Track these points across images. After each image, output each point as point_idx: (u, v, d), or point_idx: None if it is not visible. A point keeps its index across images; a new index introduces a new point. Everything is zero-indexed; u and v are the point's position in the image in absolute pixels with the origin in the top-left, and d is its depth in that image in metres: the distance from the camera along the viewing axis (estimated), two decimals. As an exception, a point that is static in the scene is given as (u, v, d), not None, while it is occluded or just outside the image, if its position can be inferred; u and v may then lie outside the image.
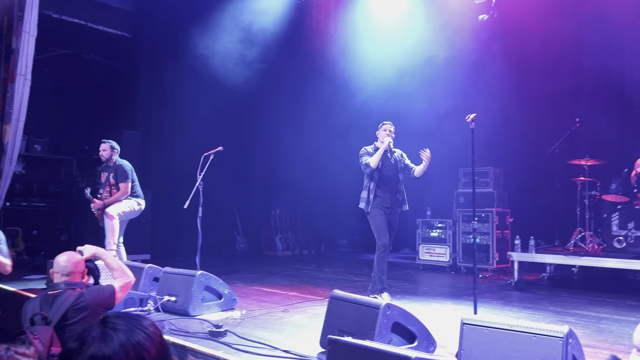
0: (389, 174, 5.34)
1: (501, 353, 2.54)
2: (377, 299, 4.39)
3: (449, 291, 6.19)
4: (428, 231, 8.19)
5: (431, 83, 8.84)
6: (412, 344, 3.13)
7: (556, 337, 2.41)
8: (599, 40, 7.61)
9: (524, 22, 7.92)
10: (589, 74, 7.66)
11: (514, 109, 8.49)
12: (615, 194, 6.24)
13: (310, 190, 10.79)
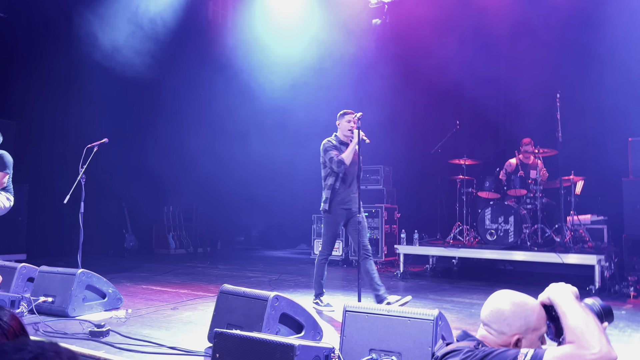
0: (354, 172, 4.71)
1: (379, 337, 2.69)
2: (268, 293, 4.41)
3: (340, 283, 6.41)
4: (323, 226, 8.39)
5: (326, 81, 9.09)
6: (300, 333, 3.21)
7: (427, 320, 2.61)
8: (478, 51, 8.32)
9: (413, 30, 8.43)
10: (469, 81, 8.33)
11: (403, 111, 9.00)
12: (488, 191, 6.85)
13: (207, 187, 10.58)
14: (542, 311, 1.68)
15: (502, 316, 1.65)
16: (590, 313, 1.54)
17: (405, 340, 2.62)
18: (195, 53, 9.98)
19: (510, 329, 1.64)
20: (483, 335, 1.70)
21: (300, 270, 7.60)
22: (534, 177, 6.58)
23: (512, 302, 1.67)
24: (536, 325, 1.64)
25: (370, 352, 2.69)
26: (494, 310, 1.69)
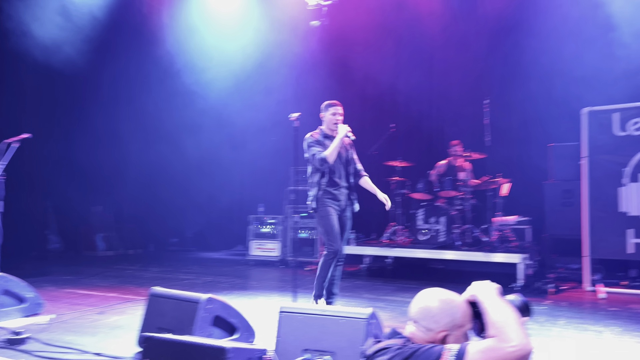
0: (342, 167, 4.47)
1: (313, 337, 2.70)
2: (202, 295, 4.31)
3: (277, 284, 6.38)
4: (260, 227, 8.33)
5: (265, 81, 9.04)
6: (233, 336, 3.16)
7: (360, 319, 2.65)
8: (413, 56, 8.58)
9: (351, 33, 8.54)
10: (404, 85, 8.57)
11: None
12: (421, 192, 7.06)
13: (139, 186, 10.20)
14: (467, 308, 1.74)
15: (430, 313, 1.70)
16: (510, 308, 1.62)
17: (339, 340, 2.65)
18: (129, 48, 9.60)
19: (437, 325, 1.69)
20: (411, 332, 1.74)
21: (236, 271, 7.49)
22: (462, 179, 6.85)
23: (439, 299, 1.73)
24: (462, 322, 1.71)
25: (304, 352, 2.69)
26: (422, 307, 1.73)
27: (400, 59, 8.67)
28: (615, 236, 5.92)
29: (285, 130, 7.81)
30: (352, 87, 8.87)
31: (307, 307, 2.82)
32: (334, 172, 4.40)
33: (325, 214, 4.35)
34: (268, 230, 8.25)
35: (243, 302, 5.02)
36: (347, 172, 4.51)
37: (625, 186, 5.92)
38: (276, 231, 8.18)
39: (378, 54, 8.55)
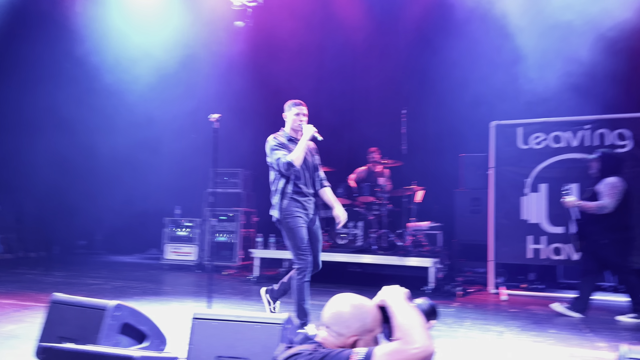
0: (307, 173, 4.07)
1: (228, 343, 2.64)
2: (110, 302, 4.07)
3: (192, 290, 6.20)
4: (176, 230, 8.06)
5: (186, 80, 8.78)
6: (142, 344, 3.01)
7: (276, 324, 2.63)
8: (334, 64, 8.73)
9: (275, 37, 8.53)
10: (325, 92, 8.67)
11: (264, 116, 9.03)
12: (340, 197, 7.17)
13: (43, 185, 9.49)
14: (378, 313, 1.78)
15: (342, 318, 1.72)
16: (416, 312, 1.68)
17: (254, 346, 2.61)
18: (42, 39, 8.90)
19: (348, 330, 1.71)
20: (323, 337, 1.75)
21: (149, 276, 7.19)
22: (380, 184, 7.06)
23: (351, 304, 1.75)
24: (372, 327, 1.74)
25: (218, 359, 2.62)
26: (334, 313, 1.75)
27: (322, 66, 8.79)
28: (516, 242, 6.37)
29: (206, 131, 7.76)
30: (273, 91, 8.84)
31: (222, 313, 2.75)
32: (299, 178, 3.99)
33: (294, 225, 3.91)
34: (185, 234, 8.00)
35: (155, 308, 4.82)
36: (313, 178, 4.14)
37: (526, 195, 6.39)
38: (193, 234, 7.95)
39: (301, 59, 8.60)
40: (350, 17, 8.66)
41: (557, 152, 6.31)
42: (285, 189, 3.98)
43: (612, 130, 6.10)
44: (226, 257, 7.80)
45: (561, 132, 6.32)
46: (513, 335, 4.18)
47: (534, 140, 6.43)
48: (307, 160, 4.09)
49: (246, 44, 8.42)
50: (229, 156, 8.44)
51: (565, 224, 6.18)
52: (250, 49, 8.54)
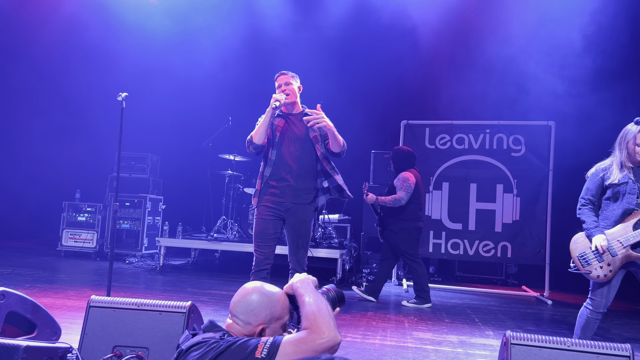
0: (294, 152, 3.50)
1: (126, 332, 2.53)
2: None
3: (91, 278, 5.86)
4: (75, 215, 7.56)
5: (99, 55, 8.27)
6: (32, 333, 2.80)
7: (179, 313, 2.56)
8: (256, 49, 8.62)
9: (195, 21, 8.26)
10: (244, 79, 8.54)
11: (176, 101, 8.73)
12: (253, 187, 7.12)
13: None
14: (286, 301, 1.79)
15: (250, 307, 1.71)
16: (324, 301, 1.71)
17: (155, 334, 2.52)
18: None
19: (256, 319, 1.71)
20: (229, 325, 1.73)
21: (42, 263, 6.69)
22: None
23: (259, 292, 1.75)
24: (280, 315, 1.75)
25: (115, 348, 2.50)
26: (242, 301, 1.74)
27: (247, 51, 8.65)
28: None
29: (111, 112, 7.36)
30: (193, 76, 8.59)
31: (121, 300, 2.62)
32: (280, 159, 3.50)
33: (258, 219, 3.50)
34: (84, 219, 7.52)
35: (48, 297, 4.51)
36: (303, 158, 3.50)
37: (430, 193, 6.74)
38: (94, 220, 7.51)
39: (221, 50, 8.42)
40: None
41: (460, 153, 6.72)
42: (263, 171, 3.56)
43: (508, 135, 6.60)
44: (129, 245, 7.46)
45: (464, 135, 6.74)
46: (410, 324, 4.40)
47: (439, 140, 6.79)
48: (295, 136, 3.51)
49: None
50: (137, 140, 8.08)
51: (462, 220, 6.62)
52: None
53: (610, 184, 3.11)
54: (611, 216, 3.11)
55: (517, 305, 5.70)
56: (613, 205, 3.12)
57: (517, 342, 2.26)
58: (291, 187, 3.47)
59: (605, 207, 3.17)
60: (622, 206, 3.07)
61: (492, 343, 3.85)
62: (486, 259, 6.56)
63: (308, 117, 3.27)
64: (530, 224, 6.42)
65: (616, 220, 3.08)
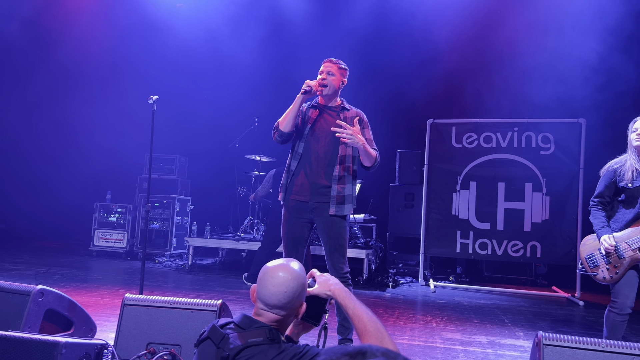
0: (323, 147, 3.18)
1: (159, 330, 2.60)
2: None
3: (122, 277, 6.00)
4: (106, 216, 7.74)
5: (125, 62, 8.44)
6: (69, 330, 2.89)
7: (210, 311, 2.61)
8: (278, 49, 8.69)
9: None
10: (270, 78, 8.62)
11: (204, 102, 8.86)
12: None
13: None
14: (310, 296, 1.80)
15: (295, 294, 1.66)
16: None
17: (187, 332, 2.58)
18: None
19: (298, 301, 1.68)
20: (273, 319, 1.67)
21: (75, 262, 6.88)
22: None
23: (292, 275, 1.68)
24: (301, 309, 1.74)
25: (148, 345, 2.57)
26: (287, 291, 1.66)
27: (273, 52, 8.72)
28: (447, 236, 6.65)
29: (141, 116, 7.52)
30: (218, 78, 8.70)
31: (154, 299, 2.69)
32: (308, 153, 3.19)
33: (284, 218, 3.25)
34: (115, 219, 7.70)
35: (83, 295, 4.64)
36: (332, 155, 3.17)
37: (457, 192, 6.68)
38: (124, 221, 7.68)
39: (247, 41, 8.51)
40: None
41: (487, 151, 6.64)
42: (289, 165, 3.25)
43: (537, 134, 6.49)
44: (159, 245, 7.60)
45: (491, 133, 6.65)
46: (438, 324, 4.38)
47: (466, 139, 6.72)
48: (326, 131, 3.15)
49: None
50: (166, 142, 8.23)
51: (491, 220, 6.54)
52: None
53: (623, 187, 3.06)
54: (622, 219, 3.08)
55: (547, 306, 5.61)
56: (625, 209, 3.09)
57: (550, 343, 2.24)
58: (317, 185, 3.15)
59: (618, 209, 3.14)
60: (635, 211, 3.04)
61: (523, 344, 3.80)
62: (515, 259, 6.47)
63: (338, 130, 2.97)
64: (560, 224, 6.31)
65: (627, 224, 3.06)
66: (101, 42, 8.78)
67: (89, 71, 9.01)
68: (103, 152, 9.16)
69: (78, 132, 9.17)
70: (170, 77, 8.55)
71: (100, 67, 8.98)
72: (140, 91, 6.79)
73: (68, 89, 9.17)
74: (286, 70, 8.56)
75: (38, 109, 9.25)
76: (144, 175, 8.14)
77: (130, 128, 8.64)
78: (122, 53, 8.84)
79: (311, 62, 8.13)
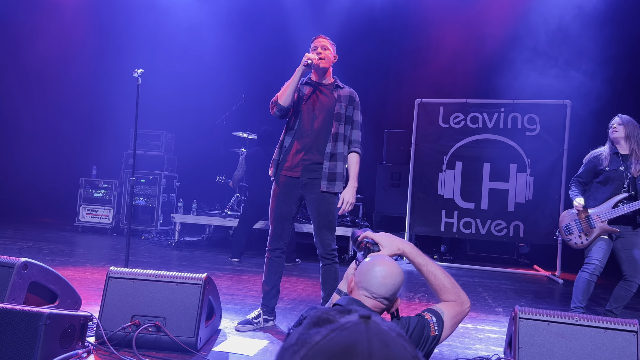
0: (316, 124, 3.17)
1: (144, 302, 2.62)
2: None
3: (108, 253, 6.00)
4: (92, 191, 7.69)
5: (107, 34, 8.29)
6: (53, 303, 2.91)
7: (195, 284, 2.64)
8: (269, 30, 8.58)
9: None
10: (258, 56, 8.53)
11: (191, 80, 8.76)
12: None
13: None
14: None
15: (399, 286, 1.77)
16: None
17: (172, 305, 2.61)
18: None
19: (393, 302, 1.78)
20: (376, 305, 1.74)
21: (60, 238, 6.85)
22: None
23: (399, 270, 1.78)
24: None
25: (133, 318, 2.59)
26: (395, 284, 1.74)
27: (261, 28, 8.62)
28: (432, 215, 6.73)
29: (127, 90, 7.42)
30: (204, 55, 8.59)
31: (139, 272, 2.71)
32: (301, 128, 3.18)
33: (272, 191, 3.25)
34: (101, 195, 7.66)
35: (68, 270, 4.64)
36: (323, 130, 3.17)
37: (443, 172, 6.74)
38: (110, 196, 7.64)
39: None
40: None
41: (474, 132, 6.68)
42: (283, 140, 3.25)
43: (523, 115, 6.54)
44: (145, 221, 7.59)
45: (478, 114, 6.69)
46: (420, 301, 4.46)
47: (453, 119, 6.75)
48: (322, 105, 3.18)
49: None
50: (152, 118, 8.15)
51: (475, 200, 6.62)
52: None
53: (601, 169, 3.64)
54: (599, 198, 3.65)
55: (528, 284, 5.73)
56: (602, 189, 3.65)
57: (526, 317, 2.30)
58: (309, 161, 3.15)
59: (595, 189, 3.70)
60: (608, 190, 3.61)
61: (502, 320, 3.89)
62: (498, 238, 6.57)
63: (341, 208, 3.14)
64: (543, 204, 6.41)
65: (602, 201, 3.63)
66: (86, 17, 8.60)
67: (74, 46, 8.84)
68: (88, 127, 9.06)
69: (62, 106, 9.04)
70: (156, 53, 8.43)
71: (86, 41, 8.81)
72: (126, 66, 6.70)
73: (51, 64, 9.00)
74: (276, 47, 8.49)
75: (21, 83, 9.08)
76: (130, 151, 8.06)
77: (115, 103, 8.53)
78: (108, 28, 8.68)
79: (300, 37, 8.08)
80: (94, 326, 2.70)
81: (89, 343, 2.53)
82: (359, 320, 0.59)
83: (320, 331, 0.59)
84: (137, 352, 2.45)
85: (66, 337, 2.33)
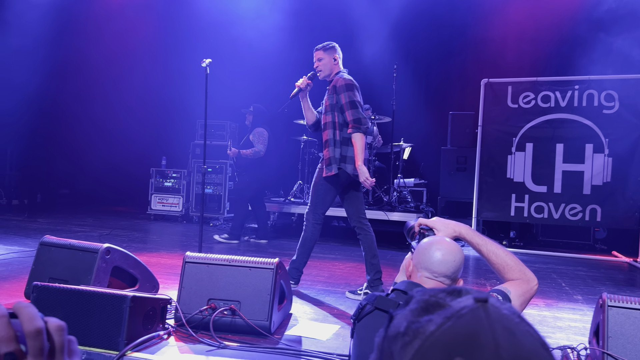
0: (323, 119, 3.80)
1: (219, 286, 2.69)
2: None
3: (179, 239, 6.24)
4: (162, 181, 8.02)
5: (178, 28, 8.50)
6: (134, 286, 3.05)
7: (268, 269, 2.68)
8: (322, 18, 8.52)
9: None
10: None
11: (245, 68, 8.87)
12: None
13: (25, 131, 9.30)
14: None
15: (462, 264, 1.71)
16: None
17: (245, 289, 2.66)
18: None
19: (455, 282, 1.71)
20: (437, 286, 1.65)
21: (134, 225, 7.19)
22: (369, 142, 7.06)
23: (459, 248, 1.72)
24: None
25: (209, 301, 2.67)
26: (458, 261, 1.70)
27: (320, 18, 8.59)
28: (500, 200, 6.49)
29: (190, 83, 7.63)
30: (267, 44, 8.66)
31: (214, 257, 2.78)
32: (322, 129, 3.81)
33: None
34: (170, 184, 7.97)
35: (144, 256, 4.86)
36: (321, 129, 3.78)
37: (513, 154, 6.46)
38: (179, 185, 7.93)
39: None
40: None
41: (545, 111, 6.35)
42: None
43: (600, 92, 6.14)
44: (213, 209, 7.82)
45: (550, 92, 6.34)
46: (492, 286, 4.31)
47: (522, 99, 6.45)
48: (324, 109, 3.71)
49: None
50: (216, 109, 8.34)
51: (547, 183, 6.31)
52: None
53: None
54: None
55: (607, 271, 5.41)
56: None
57: (615, 305, 2.16)
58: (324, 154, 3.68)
59: None
60: None
61: (582, 308, 3.70)
62: (573, 222, 6.24)
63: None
64: (623, 186, 6.01)
65: None
66: (153, 10, 8.89)
67: (143, 40, 9.18)
68: (157, 119, 9.41)
69: (132, 103, 9.43)
70: (217, 44, 8.58)
71: (153, 36, 9.11)
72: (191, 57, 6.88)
73: (122, 59, 9.40)
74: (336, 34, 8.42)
75: (95, 81, 9.55)
76: (197, 141, 8.31)
77: (182, 95, 8.79)
78: (175, 21, 8.93)
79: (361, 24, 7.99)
80: (172, 309, 2.81)
81: (168, 325, 2.63)
82: (475, 305, 0.53)
83: (432, 319, 0.53)
84: (214, 334, 2.52)
85: (148, 319, 2.43)
